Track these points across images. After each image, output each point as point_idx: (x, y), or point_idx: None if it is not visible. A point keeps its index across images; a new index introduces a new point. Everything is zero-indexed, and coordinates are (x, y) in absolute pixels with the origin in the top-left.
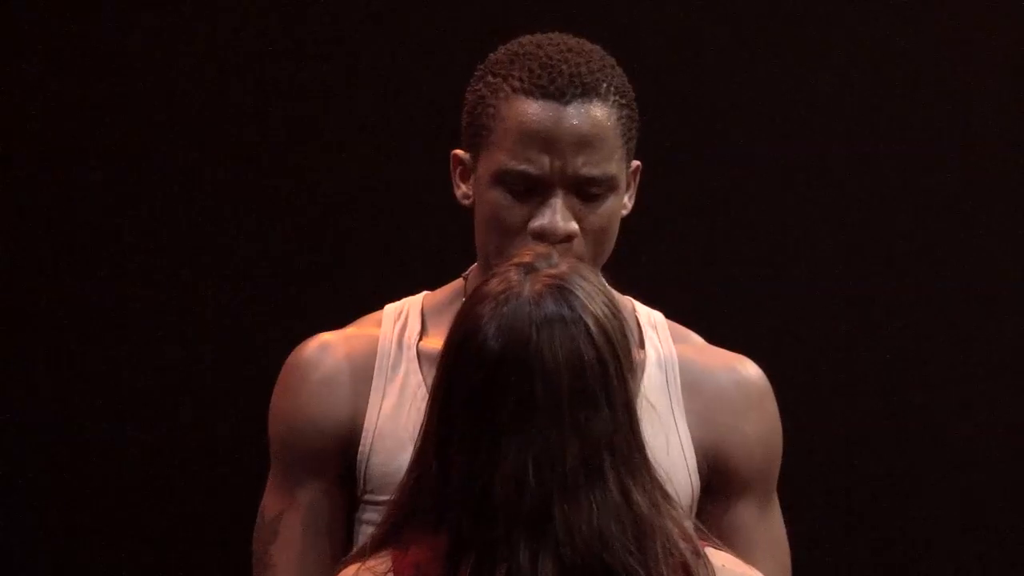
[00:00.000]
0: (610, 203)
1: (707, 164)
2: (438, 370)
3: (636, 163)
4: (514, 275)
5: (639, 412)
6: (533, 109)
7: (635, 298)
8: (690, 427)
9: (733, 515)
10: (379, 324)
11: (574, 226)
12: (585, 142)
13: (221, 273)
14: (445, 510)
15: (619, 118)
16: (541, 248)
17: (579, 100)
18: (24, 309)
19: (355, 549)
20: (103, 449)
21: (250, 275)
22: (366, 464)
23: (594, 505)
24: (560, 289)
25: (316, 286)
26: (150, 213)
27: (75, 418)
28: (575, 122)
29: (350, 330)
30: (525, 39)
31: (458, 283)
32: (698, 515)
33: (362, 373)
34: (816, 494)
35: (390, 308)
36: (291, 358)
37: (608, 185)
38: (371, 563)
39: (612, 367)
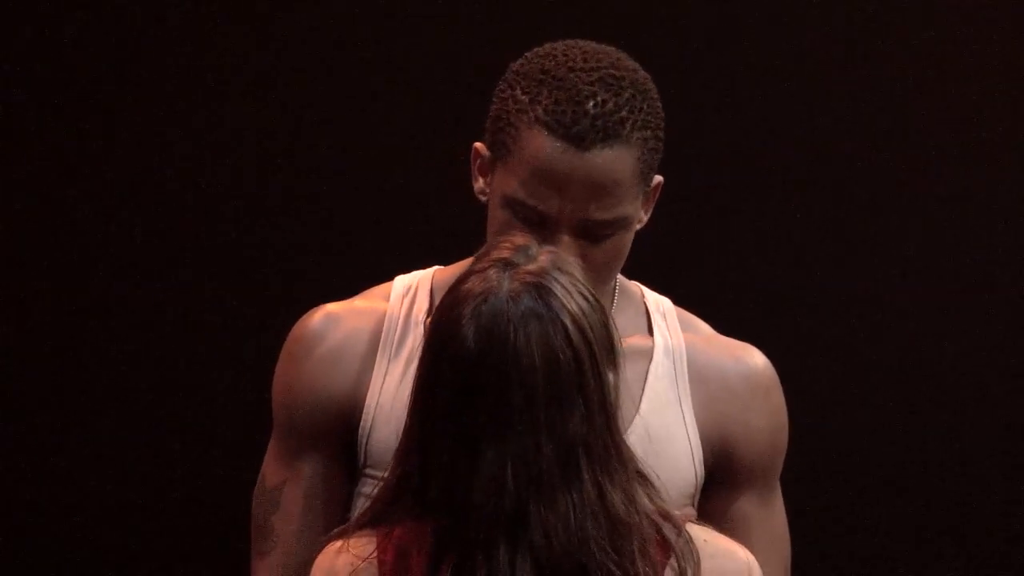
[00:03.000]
0: (619, 239)
1: (719, 160)
2: (418, 371)
3: (658, 179)
4: (493, 273)
5: (621, 403)
6: (550, 148)
7: (642, 284)
8: (696, 417)
9: (736, 506)
10: (387, 298)
11: None
12: (598, 188)
13: (227, 265)
14: (427, 509)
15: (640, 156)
16: (520, 239)
17: (599, 145)
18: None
19: (337, 529)
20: (102, 448)
21: (260, 262)
22: (367, 439)
23: (571, 505)
24: (537, 287)
25: (328, 265)
26: (152, 209)
27: (74, 417)
28: (591, 169)
29: (358, 302)
30: (560, 50)
31: (469, 261)
32: (700, 505)
33: (367, 348)
34: (822, 485)
35: (400, 282)
36: (297, 328)
37: (619, 225)
38: (354, 542)
39: (588, 366)
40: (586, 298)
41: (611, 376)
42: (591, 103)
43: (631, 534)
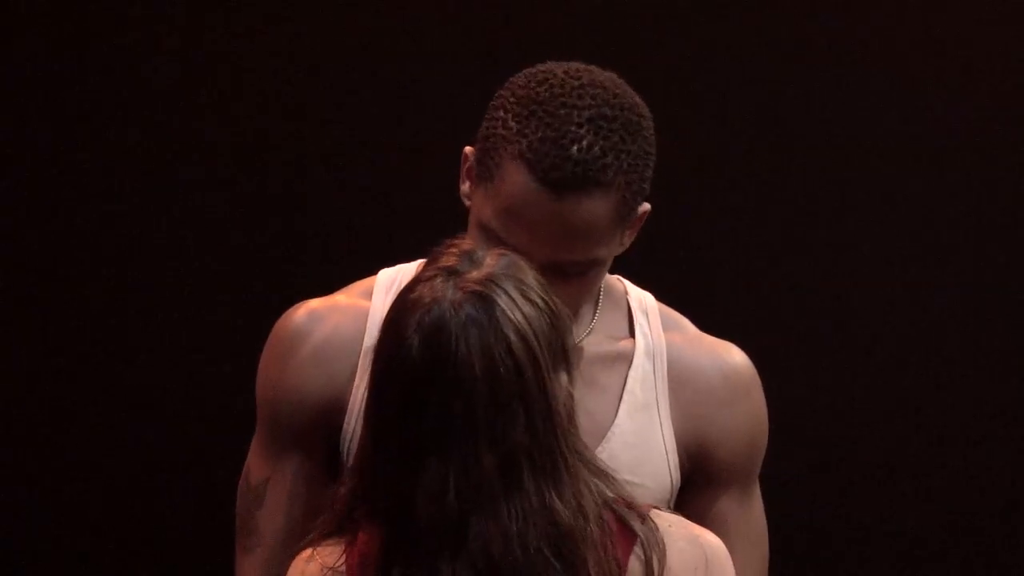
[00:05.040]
0: (592, 276)
1: (705, 156)
2: (369, 383)
3: (645, 208)
4: (438, 283)
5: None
6: (527, 189)
7: (625, 277)
8: (674, 421)
9: (715, 506)
10: (370, 294)
11: None
12: (573, 233)
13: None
14: (378, 520)
15: (621, 199)
16: (466, 245)
17: (578, 192)
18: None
19: (307, 538)
20: (103, 447)
21: (253, 265)
22: (350, 441)
23: (513, 516)
24: (480, 296)
25: (317, 258)
26: (152, 211)
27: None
28: (566, 216)
29: (340, 298)
30: (558, 77)
31: None
32: (679, 506)
33: (350, 348)
34: (803, 484)
35: (383, 277)
36: (279, 325)
37: (592, 265)
38: (322, 550)
39: (531, 374)
40: (533, 303)
41: (564, 378)
42: (575, 147)
43: (579, 542)
